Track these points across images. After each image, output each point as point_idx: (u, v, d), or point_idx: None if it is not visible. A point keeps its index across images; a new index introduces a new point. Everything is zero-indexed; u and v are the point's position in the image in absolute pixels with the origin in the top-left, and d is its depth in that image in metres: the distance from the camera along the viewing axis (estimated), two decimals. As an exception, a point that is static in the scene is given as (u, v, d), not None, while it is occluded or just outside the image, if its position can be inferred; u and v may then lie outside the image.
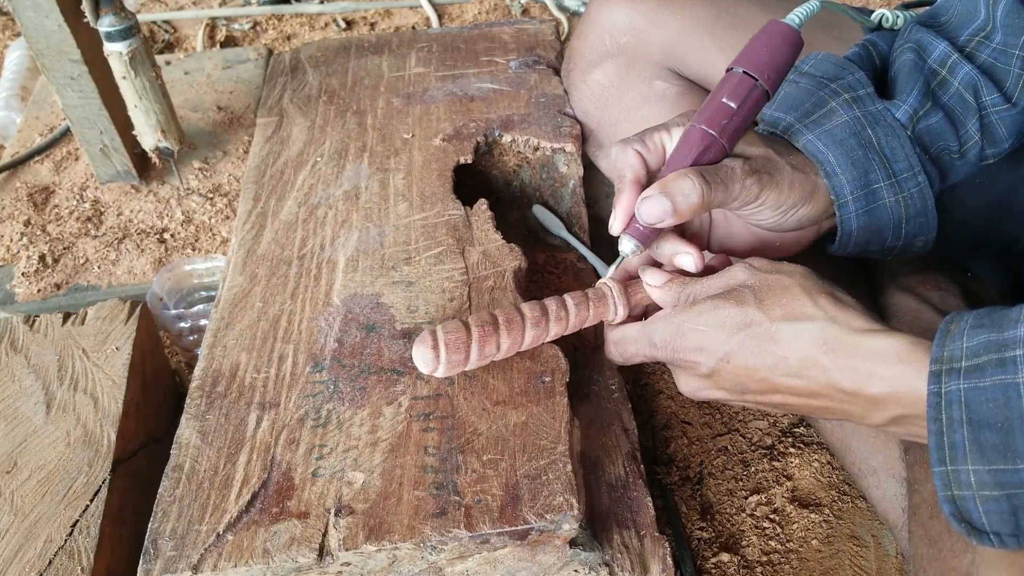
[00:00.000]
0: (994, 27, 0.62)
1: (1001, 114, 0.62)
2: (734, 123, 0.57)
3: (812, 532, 0.78)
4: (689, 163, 0.58)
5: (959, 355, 0.46)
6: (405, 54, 1.10)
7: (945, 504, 0.46)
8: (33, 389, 0.74)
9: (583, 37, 0.93)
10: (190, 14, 1.60)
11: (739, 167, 0.57)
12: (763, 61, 0.58)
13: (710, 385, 0.57)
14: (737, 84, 0.58)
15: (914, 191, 0.61)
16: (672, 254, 0.61)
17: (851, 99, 0.62)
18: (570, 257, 0.88)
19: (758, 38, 0.59)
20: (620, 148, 0.61)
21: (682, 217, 0.56)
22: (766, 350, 0.52)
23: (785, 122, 0.63)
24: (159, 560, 0.57)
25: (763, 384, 0.53)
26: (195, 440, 0.65)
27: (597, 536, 0.63)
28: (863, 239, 0.62)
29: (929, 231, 0.63)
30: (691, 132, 0.58)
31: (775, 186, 0.58)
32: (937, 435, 0.46)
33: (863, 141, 0.60)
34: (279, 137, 0.97)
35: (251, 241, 0.83)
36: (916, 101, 0.61)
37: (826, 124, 0.61)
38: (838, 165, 0.60)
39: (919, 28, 0.66)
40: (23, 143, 1.17)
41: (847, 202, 0.60)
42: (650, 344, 0.59)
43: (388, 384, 0.67)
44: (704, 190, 0.55)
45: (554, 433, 0.62)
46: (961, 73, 0.62)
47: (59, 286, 1.00)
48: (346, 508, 0.59)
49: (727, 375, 0.54)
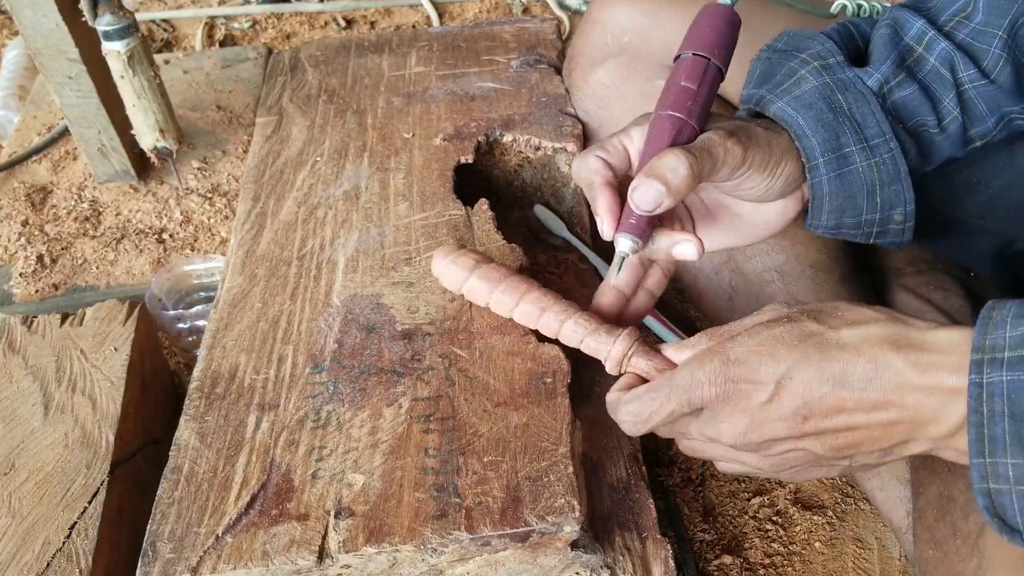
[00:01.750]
0: (975, 8, 0.62)
1: (979, 89, 0.61)
2: (698, 103, 0.57)
3: (815, 534, 0.78)
4: (665, 147, 0.57)
5: (1002, 344, 0.44)
6: (405, 53, 1.09)
7: (980, 497, 0.45)
8: (31, 390, 0.74)
9: (585, 36, 0.93)
10: (189, 13, 1.60)
11: (715, 134, 0.56)
12: (710, 40, 0.58)
13: (765, 418, 0.50)
14: (691, 66, 0.58)
15: (886, 156, 0.60)
16: (670, 245, 0.59)
17: (820, 67, 0.61)
18: (571, 257, 0.87)
19: (698, 21, 0.60)
20: (580, 158, 0.60)
21: (678, 194, 0.54)
22: (832, 357, 0.49)
23: (757, 95, 0.62)
24: (158, 562, 0.57)
25: (829, 400, 0.49)
26: (194, 441, 0.64)
27: (599, 538, 0.63)
28: (836, 206, 0.61)
29: (906, 203, 0.61)
30: (658, 120, 0.57)
31: (756, 145, 0.57)
32: (977, 427, 0.44)
33: (832, 105, 0.60)
34: (278, 137, 0.97)
35: (250, 241, 0.82)
36: (888, 70, 0.61)
37: (795, 91, 0.61)
38: (807, 127, 0.59)
39: (898, 8, 0.65)
40: (21, 142, 1.16)
41: (818, 164, 0.59)
42: (685, 388, 0.52)
43: (388, 385, 0.66)
44: (691, 160, 0.54)
45: (555, 435, 0.62)
46: (937, 49, 0.62)
47: (57, 286, 1.00)
48: (346, 510, 0.58)
49: (788, 396, 0.49)
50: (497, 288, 0.66)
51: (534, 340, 0.69)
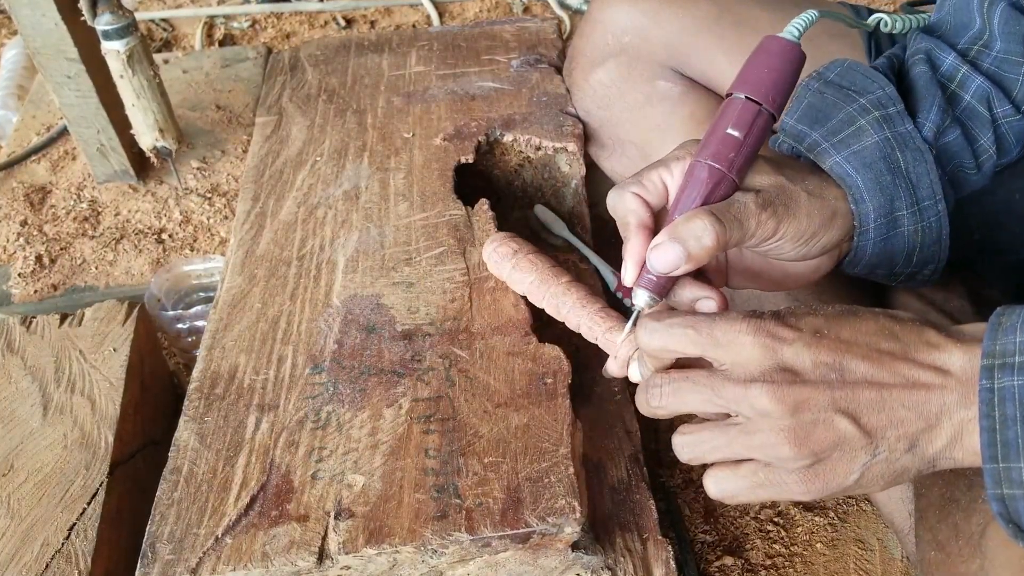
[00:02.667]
0: (992, 35, 0.61)
1: (1011, 123, 0.61)
2: (742, 155, 0.53)
3: (817, 535, 0.78)
4: (698, 203, 0.53)
5: (1012, 349, 0.44)
6: (405, 52, 1.09)
7: (994, 502, 0.44)
8: (30, 391, 0.73)
9: (585, 36, 0.92)
10: (188, 12, 1.60)
11: (752, 201, 0.53)
12: (765, 83, 0.53)
13: (795, 353, 0.46)
14: (741, 111, 0.54)
15: (933, 220, 0.58)
16: (692, 300, 0.55)
17: (881, 117, 0.58)
18: (572, 258, 0.87)
19: (757, 57, 0.55)
20: (617, 194, 0.57)
21: (697, 262, 0.52)
22: (865, 317, 0.47)
23: (811, 139, 0.59)
24: (157, 563, 0.57)
25: (861, 346, 0.46)
26: (193, 442, 0.64)
27: (599, 539, 0.62)
28: (872, 263, 0.59)
29: (939, 260, 0.60)
30: (696, 169, 0.54)
31: (792, 217, 0.54)
32: (990, 432, 0.44)
33: (892, 165, 0.57)
34: (278, 136, 0.97)
35: (250, 241, 0.82)
36: (938, 117, 0.59)
37: (855, 144, 0.57)
38: (867, 191, 0.56)
39: (924, 37, 0.64)
40: (20, 142, 1.16)
41: (868, 229, 0.57)
42: (711, 337, 0.48)
43: (388, 386, 0.66)
44: (718, 231, 0.51)
45: (556, 435, 0.62)
46: (973, 86, 0.61)
47: (56, 287, 0.99)
48: (346, 511, 0.58)
49: (824, 344, 0.46)
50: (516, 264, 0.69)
51: (535, 340, 0.69)
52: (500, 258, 0.73)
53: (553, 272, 0.71)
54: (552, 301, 0.70)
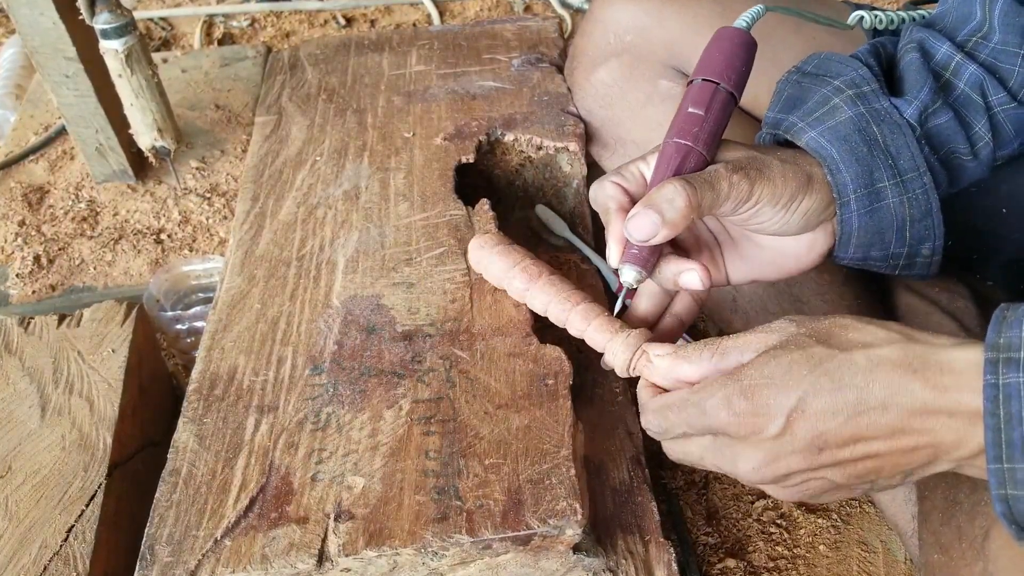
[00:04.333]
0: (991, 27, 0.61)
1: (1008, 112, 0.61)
2: (706, 129, 0.56)
3: (819, 537, 0.77)
4: (670, 176, 0.56)
5: (1018, 344, 0.43)
6: (406, 52, 1.09)
7: (997, 503, 0.44)
8: (28, 392, 0.73)
9: (586, 35, 0.92)
10: (187, 11, 1.59)
11: (723, 167, 0.55)
12: (719, 65, 0.58)
13: (779, 452, 0.48)
14: (699, 91, 0.57)
15: (919, 192, 0.59)
16: (676, 274, 0.57)
17: (855, 95, 0.60)
18: (573, 258, 0.87)
19: (710, 46, 0.59)
20: (597, 185, 0.59)
21: (674, 227, 0.53)
22: (845, 385, 0.46)
23: (787, 122, 0.61)
24: (156, 566, 0.56)
25: (844, 431, 0.47)
26: (192, 444, 0.64)
27: (601, 541, 0.62)
28: (864, 241, 0.59)
29: (935, 238, 0.60)
30: (664, 148, 0.57)
31: (766, 180, 0.55)
32: (994, 431, 0.43)
33: (868, 138, 0.58)
34: (278, 136, 0.96)
35: (249, 242, 0.82)
36: (927, 98, 0.60)
37: (829, 121, 0.59)
38: (842, 161, 0.58)
39: (919, 28, 0.64)
40: (18, 142, 1.16)
41: (849, 201, 0.58)
42: (701, 411, 0.50)
43: (389, 387, 0.66)
44: (689, 192, 0.53)
45: (557, 437, 0.61)
46: (966, 74, 0.61)
47: (54, 287, 0.99)
48: (346, 513, 0.58)
49: (801, 428, 0.47)
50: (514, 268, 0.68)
51: (535, 341, 0.68)
52: (482, 268, 0.73)
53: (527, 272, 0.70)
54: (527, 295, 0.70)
